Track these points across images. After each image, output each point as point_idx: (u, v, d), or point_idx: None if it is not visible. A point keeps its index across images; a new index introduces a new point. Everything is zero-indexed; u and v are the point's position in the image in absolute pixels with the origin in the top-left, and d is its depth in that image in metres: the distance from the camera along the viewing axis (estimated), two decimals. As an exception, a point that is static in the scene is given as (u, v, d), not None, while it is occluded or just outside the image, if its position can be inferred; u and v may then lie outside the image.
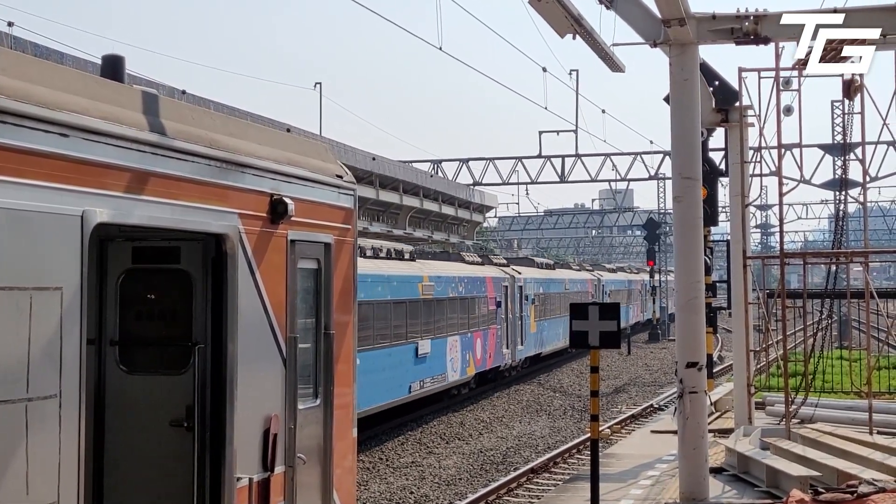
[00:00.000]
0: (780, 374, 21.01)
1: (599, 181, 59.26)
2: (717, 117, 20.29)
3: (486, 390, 35.61)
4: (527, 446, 25.13)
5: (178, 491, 7.79)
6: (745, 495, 14.69)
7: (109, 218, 6.18)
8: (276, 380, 7.99)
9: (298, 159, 8.61)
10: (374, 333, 25.29)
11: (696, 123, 14.27)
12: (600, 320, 12.34)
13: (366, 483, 20.52)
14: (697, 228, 14.25)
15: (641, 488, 16.07)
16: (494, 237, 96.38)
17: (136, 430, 8.11)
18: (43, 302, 5.62)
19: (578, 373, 42.43)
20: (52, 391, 5.67)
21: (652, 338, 65.27)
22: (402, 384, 27.43)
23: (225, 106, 29.52)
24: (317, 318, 8.71)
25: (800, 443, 16.46)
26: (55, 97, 5.91)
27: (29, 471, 5.50)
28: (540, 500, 17.37)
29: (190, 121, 7.34)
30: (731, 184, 20.63)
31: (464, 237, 61.56)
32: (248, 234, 7.58)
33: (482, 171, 57.37)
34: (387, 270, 27.02)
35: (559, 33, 13.71)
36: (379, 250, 27.79)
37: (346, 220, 9.24)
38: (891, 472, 13.27)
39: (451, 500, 19.19)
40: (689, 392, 13.76)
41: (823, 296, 21.65)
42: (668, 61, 14.13)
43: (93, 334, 7.93)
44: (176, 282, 8.15)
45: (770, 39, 14.64)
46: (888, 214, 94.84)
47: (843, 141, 22.32)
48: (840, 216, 21.88)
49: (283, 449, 7.99)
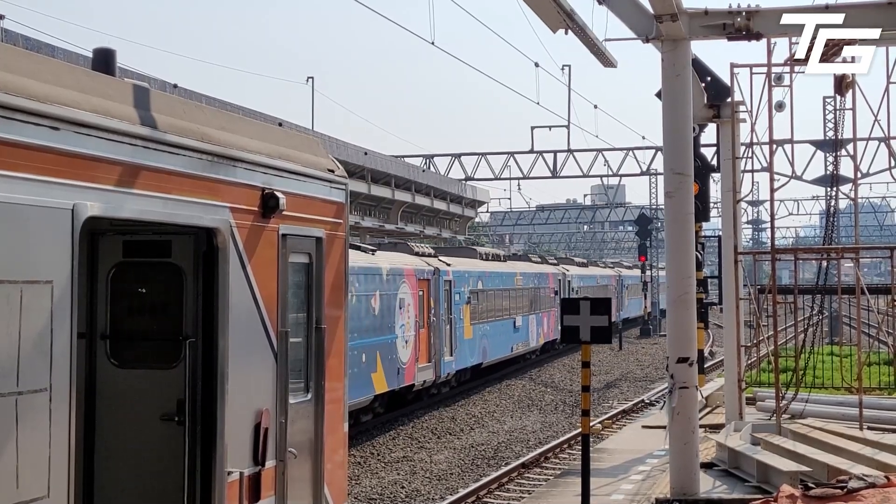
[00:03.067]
0: (770, 369, 21.05)
1: (591, 176, 59.50)
2: (709, 113, 20.31)
3: (480, 385, 35.64)
4: (518, 441, 25.16)
5: (168, 485, 7.79)
6: (735, 490, 14.72)
7: (100, 211, 6.17)
8: (267, 374, 7.98)
9: (290, 153, 8.60)
10: (494, 310, 37.20)
11: (687, 119, 14.28)
12: (591, 315, 12.36)
13: (357, 478, 20.52)
14: (689, 224, 14.26)
15: (632, 483, 16.10)
16: (486, 232, 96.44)
17: (126, 424, 8.10)
18: (33, 295, 5.61)
19: (570, 368, 42.46)
20: (43, 385, 5.66)
21: (644, 333, 65.38)
22: (508, 345, 39.51)
23: (217, 100, 29.50)
24: (308, 312, 8.71)
25: (790, 438, 16.49)
26: (46, 90, 5.90)
27: (19, 465, 5.49)
28: (531, 495, 17.38)
29: (181, 115, 7.33)
30: (723, 179, 20.66)
31: (455, 232, 61.57)
32: (239, 229, 7.57)
33: (474, 166, 57.48)
34: (497, 268, 38.83)
35: (551, 28, 13.70)
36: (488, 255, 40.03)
37: (337, 214, 9.24)
38: (881, 468, 13.29)
39: (443, 494, 19.20)
40: (679, 387, 13.78)
41: (814, 291, 21.73)
42: (660, 57, 14.14)
43: (83, 328, 7.91)
44: (167, 276, 8.14)
45: (762, 35, 14.65)
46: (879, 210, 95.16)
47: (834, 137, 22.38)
48: (831, 212, 21.93)
49: (274, 443, 7.99)
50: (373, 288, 25.95)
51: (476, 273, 35.74)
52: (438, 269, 31.20)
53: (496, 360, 38.08)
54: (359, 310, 24.75)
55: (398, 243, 34.65)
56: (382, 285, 26.55)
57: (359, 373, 24.32)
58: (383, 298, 26.54)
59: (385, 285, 26.75)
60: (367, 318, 25.47)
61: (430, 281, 30.28)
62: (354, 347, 22.70)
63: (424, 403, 30.38)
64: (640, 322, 68.64)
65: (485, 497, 18.91)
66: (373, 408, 26.49)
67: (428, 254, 32.42)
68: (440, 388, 32.14)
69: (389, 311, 26.97)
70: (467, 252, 38.97)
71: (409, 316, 28.33)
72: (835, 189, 21.97)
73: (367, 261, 25.99)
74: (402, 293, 27.89)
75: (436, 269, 31.02)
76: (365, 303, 25.43)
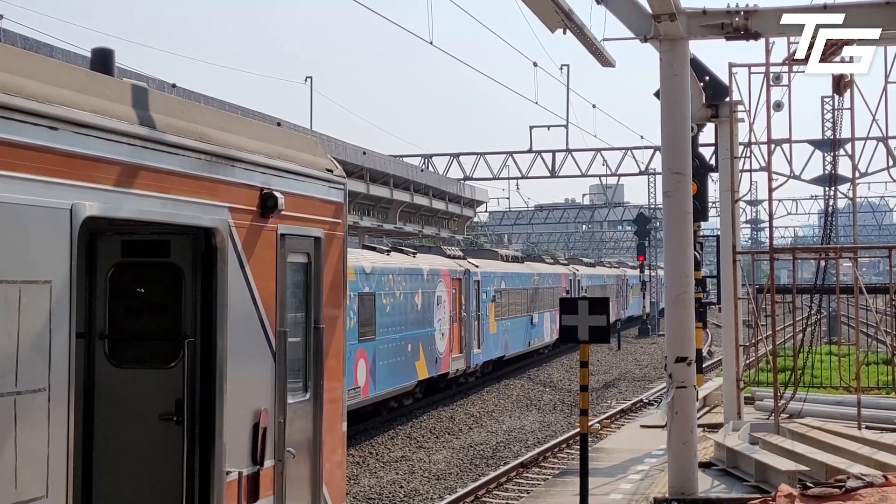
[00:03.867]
0: (769, 369, 21.06)
1: (590, 176, 59.58)
2: (708, 113, 20.32)
3: (476, 385, 35.64)
4: (517, 441, 25.16)
5: (167, 485, 7.79)
6: (733, 490, 14.73)
7: (99, 211, 6.17)
8: (266, 374, 7.99)
9: (288, 153, 8.61)
10: (515, 308, 39.64)
11: (686, 119, 14.29)
12: (590, 315, 12.35)
13: (356, 477, 20.52)
14: (687, 223, 14.27)
15: (631, 483, 16.11)
16: (485, 232, 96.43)
17: (125, 424, 8.10)
18: (32, 295, 5.62)
19: (568, 367, 42.46)
20: (41, 385, 5.66)
21: (642, 333, 65.39)
22: (526, 340, 42.02)
23: (215, 100, 29.47)
24: (307, 312, 8.72)
25: (788, 437, 16.51)
26: (44, 90, 5.90)
27: (18, 465, 5.50)
28: (530, 495, 17.39)
29: (180, 114, 7.33)
30: (721, 179, 20.67)
31: (454, 232, 61.56)
32: (237, 228, 7.58)
33: (473, 166, 57.52)
34: (517, 269, 41.58)
35: (550, 28, 13.71)
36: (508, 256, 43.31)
37: (336, 214, 9.24)
38: (879, 467, 13.30)
39: (441, 494, 19.20)
40: (678, 387, 13.79)
41: (813, 291, 21.73)
42: (659, 56, 14.15)
43: (82, 328, 7.92)
44: (165, 275, 8.14)
45: (760, 35, 14.66)
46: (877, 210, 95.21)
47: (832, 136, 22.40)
48: (829, 212, 21.96)
49: (273, 443, 7.99)
50: (416, 287, 29.01)
51: (500, 274, 38.72)
52: (469, 270, 34.29)
53: (516, 353, 40.93)
54: (405, 306, 27.98)
55: (432, 247, 39.32)
56: (424, 284, 29.61)
57: (405, 361, 27.75)
58: (424, 296, 29.60)
59: (426, 284, 29.78)
60: (412, 314, 28.57)
61: (461, 280, 33.37)
62: (402, 339, 27.39)
63: (423, 402, 30.45)
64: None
65: (483, 497, 18.91)
66: (414, 392, 29.57)
67: (458, 256, 35.31)
68: (468, 377, 34.94)
69: (429, 307, 30.04)
70: (490, 254, 42.56)
71: (444, 311, 31.38)
72: (833, 188, 22.01)
73: (411, 263, 29.39)
74: (439, 291, 30.89)
75: (466, 269, 34.13)
76: (410, 300, 28.45)
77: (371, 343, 25.69)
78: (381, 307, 26.51)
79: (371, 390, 25.60)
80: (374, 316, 26.07)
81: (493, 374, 37.74)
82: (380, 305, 26.41)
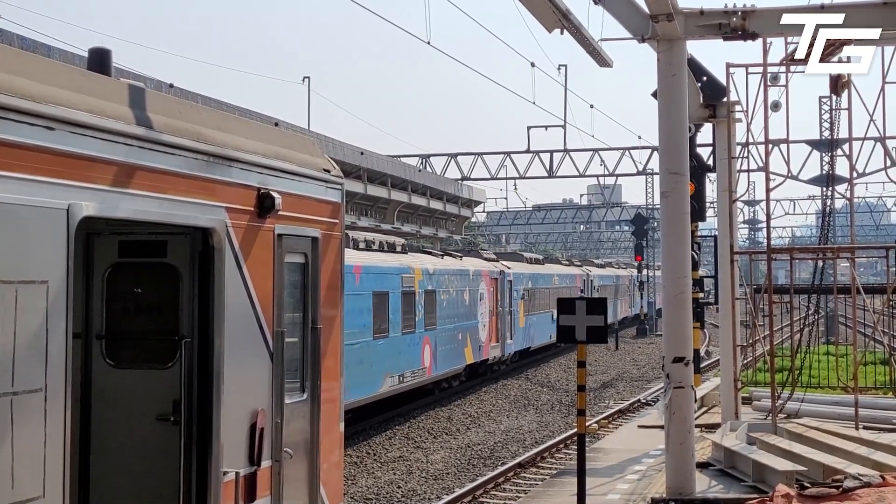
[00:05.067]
0: (766, 369, 21.06)
1: (588, 176, 59.55)
2: (705, 113, 20.32)
3: (476, 385, 35.64)
4: (514, 441, 25.16)
5: (164, 485, 7.78)
6: (731, 490, 14.73)
7: (96, 211, 6.16)
8: (263, 374, 7.98)
9: (286, 153, 8.60)
10: (539, 305, 43.93)
11: (683, 119, 14.29)
12: (587, 315, 12.34)
13: (353, 477, 20.52)
14: (685, 224, 14.27)
15: (628, 483, 16.11)
16: (483, 232, 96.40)
17: (122, 424, 8.10)
18: (28, 295, 5.61)
19: (566, 367, 42.49)
20: (38, 385, 5.66)
21: (640, 333, 65.42)
22: (547, 333, 44.42)
23: (213, 100, 29.44)
24: (304, 312, 8.71)
25: (786, 438, 16.51)
26: (41, 90, 5.89)
27: (14, 465, 5.49)
28: (527, 495, 17.39)
29: (177, 114, 7.32)
30: (719, 179, 20.66)
31: (452, 232, 61.55)
32: (235, 228, 7.57)
33: (470, 166, 57.48)
34: (540, 270, 46.80)
35: (547, 28, 13.70)
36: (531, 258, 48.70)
37: (333, 214, 9.24)
38: (876, 467, 13.32)
39: (439, 494, 19.20)
40: (675, 387, 13.79)
41: (810, 291, 21.71)
42: (656, 57, 14.14)
43: (79, 328, 7.91)
44: (163, 276, 8.13)
45: (758, 35, 14.66)
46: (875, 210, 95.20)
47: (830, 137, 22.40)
48: (827, 212, 21.95)
49: (270, 443, 7.98)
50: (464, 285, 34.13)
51: (527, 274, 43.87)
52: (503, 271, 39.35)
53: (540, 344, 45.70)
54: (457, 301, 33.07)
55: (470, 250, 45.94)
56: (470, 283, 34.81)
57: (457, 347, 32.80)
58: (471, 293, 34.83)
59: (471, 283, 35.00)
60: (461, 308, 33.51)
61: (497, 280, 38.25)
62: (455, 329, 32.61)
63: (420, 403, 30.47)
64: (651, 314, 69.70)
65: (481, 497, 18.91)
66: (460, 375, 34.30)
67: (493, 259, 40.72)
68: (501, 364, 39.72)
69: (474, 303, 35.07)
70: (516, 257, 47.59)
71: (485, 306, 36.37)
72: (831, 189, 22.00)
73: (459, 265, 34.61)
74: (481, 289, 36.00)
75: (501, 270, 39.13)
76: (460, 296, 33.55)
77: (433, 332, 30.37)
78: (440, 302, 31.24)
79: (434, 371, 30.42)
80: (436, 309, 30.65)
81: (521, 362, 42.93)
82: (439, 300, 31.16)
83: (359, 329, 24.47)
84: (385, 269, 27.09)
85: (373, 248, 27.56)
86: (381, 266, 26.84)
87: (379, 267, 26.66)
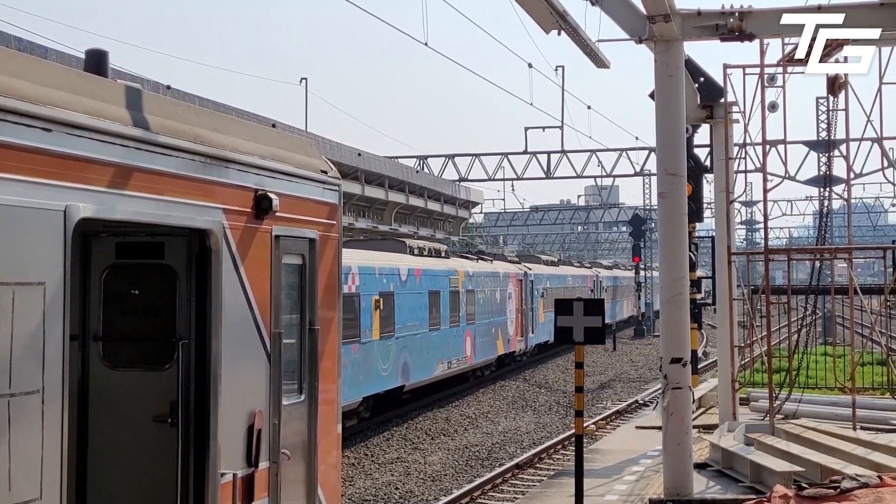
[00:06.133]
0: (764, 370, 21.07)
1: (585, 177, 59.52)
2: (702, 114, 20.32)
3: (473, 385, 35.66)
4: (512, 442, 25.16)
5: (161, 487, 7.78)
6: (729, 490, 14.73)
7: (93, 213, 6.16)
8: (261, 375, 7.98)
9: (283, 155, 8.60)
10: None
11: (680, 120, 14.29)
12: (585, 315, 12.33)
13: (351, 479, 20.51)
14: (682, 225, 14.27)
15: (626, 483, 16.11)
16: (480, 233, 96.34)
17: (119, 425, 8.09)
18: (25, 297, 5.60)
19: (564, 369, 42.48)
20: (35, 387, 5.65)
21: (637, 334, 65.46)
22: None
23: (210, 101, 29.42)
24: (301, 313, 8.71)
25: (783, 438, 16.52)
26: (38, 92, 5.89)
27: (11, 467, 5.48)
28: (525, 496, 17.38)
29: (174, 116, 7.32)
30: (716, 180, 20.67)
31: (449, 233, 61.53)
32: (232, 230, 7.56)
33: (468, 167, 57.48)
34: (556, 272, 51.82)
35: (544, 29, 13.70)
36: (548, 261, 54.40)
37: (330, 215, 9.23)
38: (874, 468, 13.31)
39: (437, 495, 19.19)
40: (673, 388, 13.79)
41: (808, 292, 21.73)
42: (653, 58, 14.14)
43: (76, 330, 7.91)
44: (160, 277, 8.13)
45: (755, 36, 14.65)
46: (872, 211, 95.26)
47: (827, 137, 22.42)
48: (824, 213, 21.97)
49: (268, 445, 7.98)
50: (496, 285, 39.21)
51: (546, 275, 48.67)
52: (527, 273, 44.32)
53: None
54: (490, 299, 38.00)
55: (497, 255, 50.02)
56: (500, 283, 39.88)
57: (491, 340, 37.91)
58: (501, 292, 39.80)
59: (501, 283, 40.07)
60: (493, 305, 38.36)
61: (521, 280, 43.20)
62: (489, 323, 37.56)
63: (419, 403, 30.48)
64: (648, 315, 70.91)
65: (479, 498, 18.91)
66: (492, 365, 39.26)
67: (516, 261, 46.10)
68: (524, 356, 44.51)
69: (504, 301, 40.01)
70: (534, 259, 52.10)
71: (513, 304, 41.23)
72: (828, 189, 22.02)
73: (491, 267, 39.72)
74: (509, 289, 41.02)
75: (525, 272, 44.05)
76: (493, 295, 38.49)
77: (473, 325, 35.40)
78: (478, 300, 36.35)
79: (473, 359, 35.55)
80: (475, 306, 35.73)
81: (540, 355, 47.27)
82: (477, 299, 36.22)
83: (419, 322, 29.68)
84: (437, 271, 31.88)
85: (424, 254, 31.98)
86: (434, 269, 31.59)
87: (433, 270, 31.40)
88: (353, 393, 24.27)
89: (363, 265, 25.84)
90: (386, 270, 27.46)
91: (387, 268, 27.60)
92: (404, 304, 28.44)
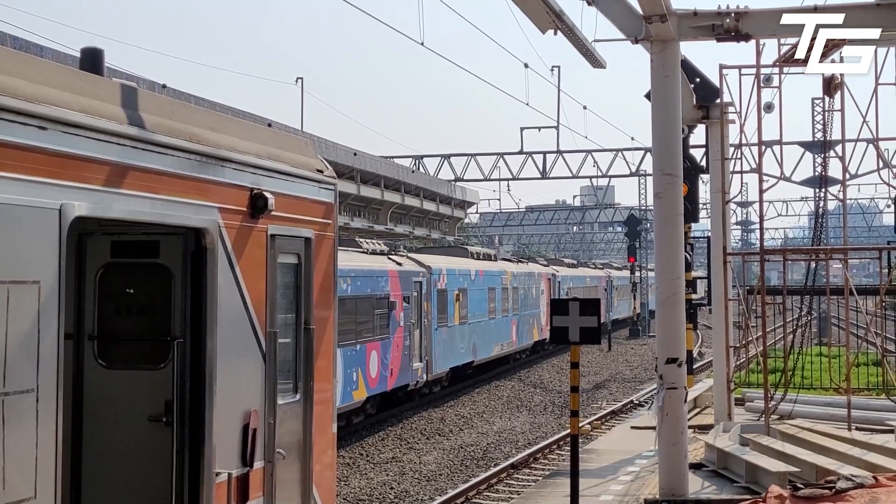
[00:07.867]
0: (759, 370, 21.09)
1: (581, 177, 59.72)
2: (698, 114, 20.33)
3: (470, 385, 35.67)
4: (507, 442, 25.16)
5: (156, 486, 7.77)
6: (724, 491, 14.74)
7: (88, 212, 6.14)
8: (256, 375, 7.96)
9: (279, 154, 8.59)
10: None
11: (676, 120, 14.30)
12: (581, 316, 12.33)
13: (346, 478, 20.50)
14: (678, 225, 14.28)
15: (621, 484, 16.12)
16: (476, 233, 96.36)
17: (114, 425, 8.07)
18: (20, 296, 5.59)
19: (559, 369, 42.51)
20: (30, 386, 5.64)
21: (633, 334, 65.53)
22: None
23: (206, 100, 29.41)
24: (297, 313, 8.69)
25: (779, 439, 16.53)
26: (34, 90, 5.87)
27: (5, 466, 5.47)
28: (520, 496, 17.39)
29: (170, 114, 7.30)
30: (712, 180, 20.68)
31: (445, 233, 61.56)
32: (227, 229, 7.55)
33: (463, 167, 57.54)
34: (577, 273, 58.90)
35: (541, 29, 13.70)
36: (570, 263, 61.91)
37: (326, 215, 9.22)
38: (869, 468, 13.32)
39: (432, 495, 19.18)
40: (668, 388, 13.79)
41: (803, 292, 21.77)
42: (650, 58, 14.15)
43: (71, 329, 7.89)
44: (155, 276, 8.11)
45: (751, 36, 14.68)
46: (867, 212, 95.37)
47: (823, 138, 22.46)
48: (820, 213, 22.00)
49: (263, 444, 7.97)
50: (532, 283, 46.38)
51: (569, 276, 55.42)
52: (555, 274, 51.52)
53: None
54: (528, 295, 45.22)
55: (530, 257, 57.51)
56: (535, 282, 47.23)
57: (529, 329, 45.21)
58: (536, 289, 46.95)
59: (536, 282, 47.33)
60: (530, 300, 45.65)
61: (550, 280, 50.10)
62: (528, 315, 44.90)
63: (416, 403, 30.50)
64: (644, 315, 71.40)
65: (474, 498, 18.91)
66: (528, 350, 46.28)
67: (545, 264, 53.29)
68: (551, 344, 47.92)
69: (537, 297, 46.83)
70: (559, 263, 58.87)
71: (543, 300, 47.21)
72: (823, 190, 22.06)
73: (527, 268, 47.00)
74: (541, 286, 48.14)
75: (553, 273, 51.39)
76: (529, 291, 45.51)
77: (517, 316, 42.99)
78: (519, 296, 43.46)
79: (517, 344, 43.24)
80: (518, 300, 43.18)
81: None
82: (520, 294, 43.63)
83: (482, 312, 37.43)
84: (493, 272, 40.03)
85: (480, 258, 39.54)
86: (491, 270, 39.83)
87: (490, 270, 39.69)
88: (443, 364, 32.43)
89: (449, 267, 34.03)
90: (462, 272, 35.50)
91: (462, 269, 35.67)
92: (473, 298, 36.54)
